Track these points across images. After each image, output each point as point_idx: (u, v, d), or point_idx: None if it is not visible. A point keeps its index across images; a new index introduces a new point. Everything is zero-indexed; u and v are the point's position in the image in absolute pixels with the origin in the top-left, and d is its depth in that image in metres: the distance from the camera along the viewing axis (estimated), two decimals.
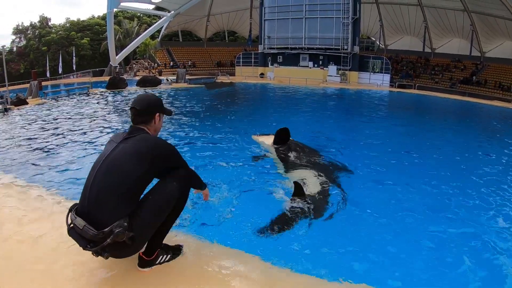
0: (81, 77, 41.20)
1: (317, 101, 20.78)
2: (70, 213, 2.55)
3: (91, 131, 10.00)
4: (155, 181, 2.80)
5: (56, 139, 8.93)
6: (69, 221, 2.52)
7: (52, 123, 11.67)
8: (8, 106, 15.36)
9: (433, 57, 39.81)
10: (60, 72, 44.63)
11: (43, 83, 35.54)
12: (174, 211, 2.80)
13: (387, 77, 30.51)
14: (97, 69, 46.13)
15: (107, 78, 27.45)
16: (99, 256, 2.51)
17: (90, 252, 2.50)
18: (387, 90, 27.49)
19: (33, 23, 62.93)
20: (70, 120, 12.09)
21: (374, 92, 25.38)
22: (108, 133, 9.67)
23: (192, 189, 3.11)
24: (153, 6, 44.74)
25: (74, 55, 48.19)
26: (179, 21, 48.15)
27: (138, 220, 2.52)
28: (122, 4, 38.53)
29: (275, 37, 36.16)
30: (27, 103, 17.19)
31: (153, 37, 51.17)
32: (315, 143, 7.93)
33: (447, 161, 7.71)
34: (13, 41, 62.74)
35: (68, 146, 8.11)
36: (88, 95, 20.42)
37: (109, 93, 21.45)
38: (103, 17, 53.91)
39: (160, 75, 38.07)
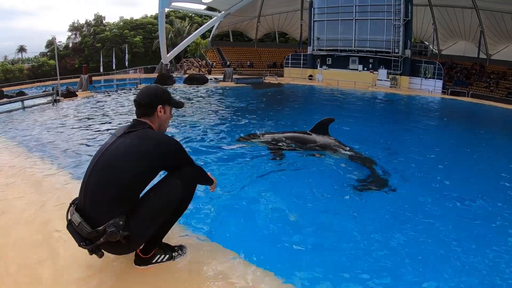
0: (140, 73, 42.98)
1: (365, 105, 20.47)
2: (70, 207, 2.51)
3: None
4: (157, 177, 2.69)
5: (96, 128, 9.65)
6: (69, 216, 2.48)
7: (95, 114, 12.59)
8: (57, 98, 16.53)
9: (488, 64, 37.98)
10: (113, 68, 46.66)
11: (97, 78, 37.52)
12: (177, 210, 2.69)
13: (439, 83, 29.50)
14: (149, 66, 47.93)
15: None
16: (93, 254, 2.42)
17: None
18: (439, 97, 26.68)
19: (88, 21, 66.51)
20: (113, 112, 12.98)
21: (425, 99, 24.65)
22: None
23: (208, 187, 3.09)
24: (203, 6, 45.84)
25: (127, 52, 50.30)
26: (230, 21, 49.09)
27: (136, 219, 2.42)
28: (173, 4, 39.78)
29: (325, 38, 36.02)
30: (76, 96, 18.42)
31: (204, 36, 52.37)
32: (361, 148, 7.78)
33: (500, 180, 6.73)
34: (69, 38, 66.82)
35: (106, 136, 8.33)
36: (136, 90, 21.45)
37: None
38: (156, 17, 55.72)
39: (209, 74, 38.91)
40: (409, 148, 9.20)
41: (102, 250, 2.41)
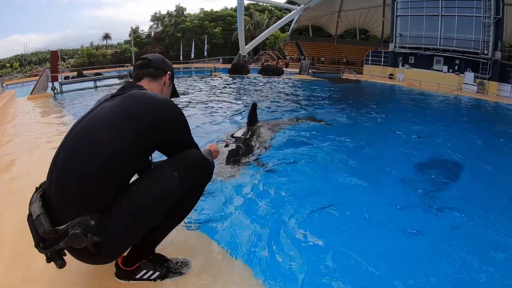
0: (216, 63, 45.03)
1: (447, 111, 19.02)
2: (35, 193, 1.79)
3: (193, 107, 11.54)
4: None
5: None
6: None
7: None
8: (130, 80, 18.04)
9: None
10: (192, 57, 49.00)
11: (176, 66, 39.73)
12: (177, 210, 1.96)
13: None
14: (227, 57, 49.55)
15: None
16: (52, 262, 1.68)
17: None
18: None
19: (170, 11, 70.70)
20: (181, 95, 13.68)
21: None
22: (208, 108, 10.57)
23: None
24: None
25: (206, 42, 52.36)
26: (310, 15, 49.30)
27: (110, 221, 1.69)
28: None
29: (408, 35, 34.70)
30: None
31: (283, 30, 52.86)
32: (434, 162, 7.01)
33: None
34: (151, 27, 72.40)
35: None
36: (210, 77, 23.74)
37: (228, 77, 24.28)
38: (235, 9, 56.92)
39: (287, 67, 39.51)
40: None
41: (64, 258, 1.70)
